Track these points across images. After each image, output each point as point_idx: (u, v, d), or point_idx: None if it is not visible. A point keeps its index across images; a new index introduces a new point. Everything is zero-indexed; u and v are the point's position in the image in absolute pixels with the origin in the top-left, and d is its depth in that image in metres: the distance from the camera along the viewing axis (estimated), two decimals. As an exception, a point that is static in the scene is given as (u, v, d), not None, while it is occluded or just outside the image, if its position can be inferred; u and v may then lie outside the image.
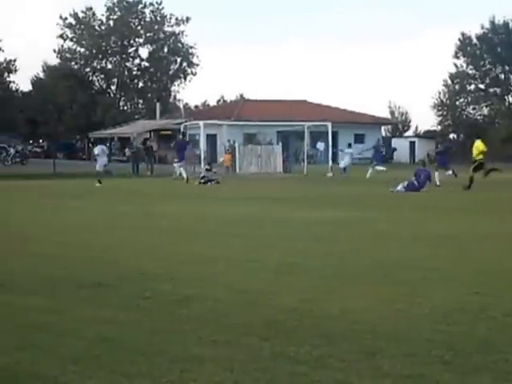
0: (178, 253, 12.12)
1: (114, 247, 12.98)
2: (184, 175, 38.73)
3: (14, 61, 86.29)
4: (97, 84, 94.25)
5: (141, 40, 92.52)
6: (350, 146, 50.05)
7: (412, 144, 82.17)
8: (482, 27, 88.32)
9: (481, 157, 32.11)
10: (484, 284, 9.12)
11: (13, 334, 6.93)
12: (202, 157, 45.82)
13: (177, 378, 5.55)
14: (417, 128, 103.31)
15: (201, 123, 48.69)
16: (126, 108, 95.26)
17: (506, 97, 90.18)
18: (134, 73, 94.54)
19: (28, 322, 7.32)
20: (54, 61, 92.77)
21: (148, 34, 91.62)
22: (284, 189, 33.59)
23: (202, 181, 37.43)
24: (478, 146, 32.54)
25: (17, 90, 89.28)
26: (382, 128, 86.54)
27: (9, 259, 11.52)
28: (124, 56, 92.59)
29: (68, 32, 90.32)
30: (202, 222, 17.84)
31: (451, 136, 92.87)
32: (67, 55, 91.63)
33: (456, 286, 9.00)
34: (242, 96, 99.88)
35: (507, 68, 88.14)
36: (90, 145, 79.51)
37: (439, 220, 17.99)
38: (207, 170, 39.55)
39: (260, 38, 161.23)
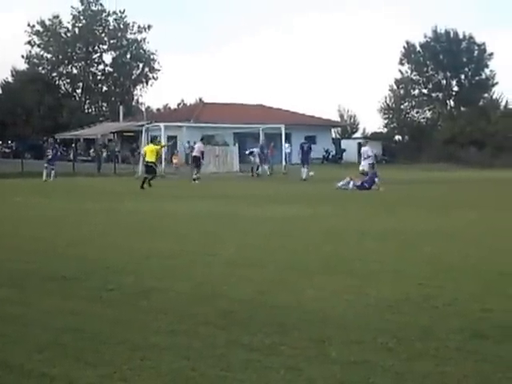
0: (140, 248, 12.06)
1: (79, 242, 12.88)
2: (44, 176, 38.52)
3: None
4: (63, 88, 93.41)
5: (105, 46, 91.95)
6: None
7: (360, 145, 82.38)
8: (425, 36, 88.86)
9: (153, 160, 34.12)
10: (427, 276, 9.19)
11: (-18, 325, 6.86)
12: (163, 157, 45.73)
13: (137, 366, 5.53)
14: (364, 130, 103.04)
15: (162, 125, 48.49)
16: (90, 111, 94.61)
17: (447, 101, 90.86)
18: (99, 77, 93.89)
19: (-3, 314, 7.26)
20: (22, 66, 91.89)
21: (112, 41, 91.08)
22: (240, 187, 33.53)
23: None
24: (151, 149, 34.50)
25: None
26: (332, 130, 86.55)
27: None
28: (89, 61, 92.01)
29: (36, 39, 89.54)
30: (164, 218, 17.77)
31: (396, 137, 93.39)
32: (35, 61, 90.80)
33: (401, 278, 9.07)
34: (201, 100, 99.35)
35: (449, 74, 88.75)
36: (57, 145, 78.98)
37: (386, 216, 18.09)
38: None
39: (218, 46, 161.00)
